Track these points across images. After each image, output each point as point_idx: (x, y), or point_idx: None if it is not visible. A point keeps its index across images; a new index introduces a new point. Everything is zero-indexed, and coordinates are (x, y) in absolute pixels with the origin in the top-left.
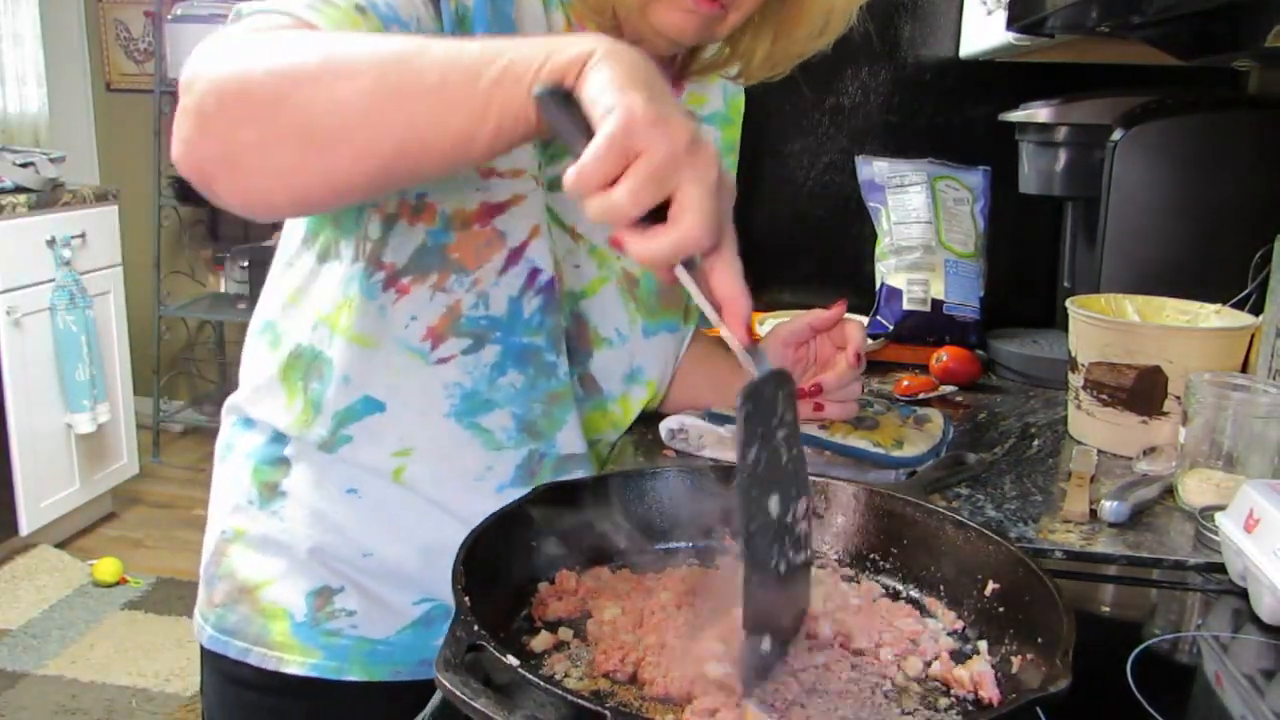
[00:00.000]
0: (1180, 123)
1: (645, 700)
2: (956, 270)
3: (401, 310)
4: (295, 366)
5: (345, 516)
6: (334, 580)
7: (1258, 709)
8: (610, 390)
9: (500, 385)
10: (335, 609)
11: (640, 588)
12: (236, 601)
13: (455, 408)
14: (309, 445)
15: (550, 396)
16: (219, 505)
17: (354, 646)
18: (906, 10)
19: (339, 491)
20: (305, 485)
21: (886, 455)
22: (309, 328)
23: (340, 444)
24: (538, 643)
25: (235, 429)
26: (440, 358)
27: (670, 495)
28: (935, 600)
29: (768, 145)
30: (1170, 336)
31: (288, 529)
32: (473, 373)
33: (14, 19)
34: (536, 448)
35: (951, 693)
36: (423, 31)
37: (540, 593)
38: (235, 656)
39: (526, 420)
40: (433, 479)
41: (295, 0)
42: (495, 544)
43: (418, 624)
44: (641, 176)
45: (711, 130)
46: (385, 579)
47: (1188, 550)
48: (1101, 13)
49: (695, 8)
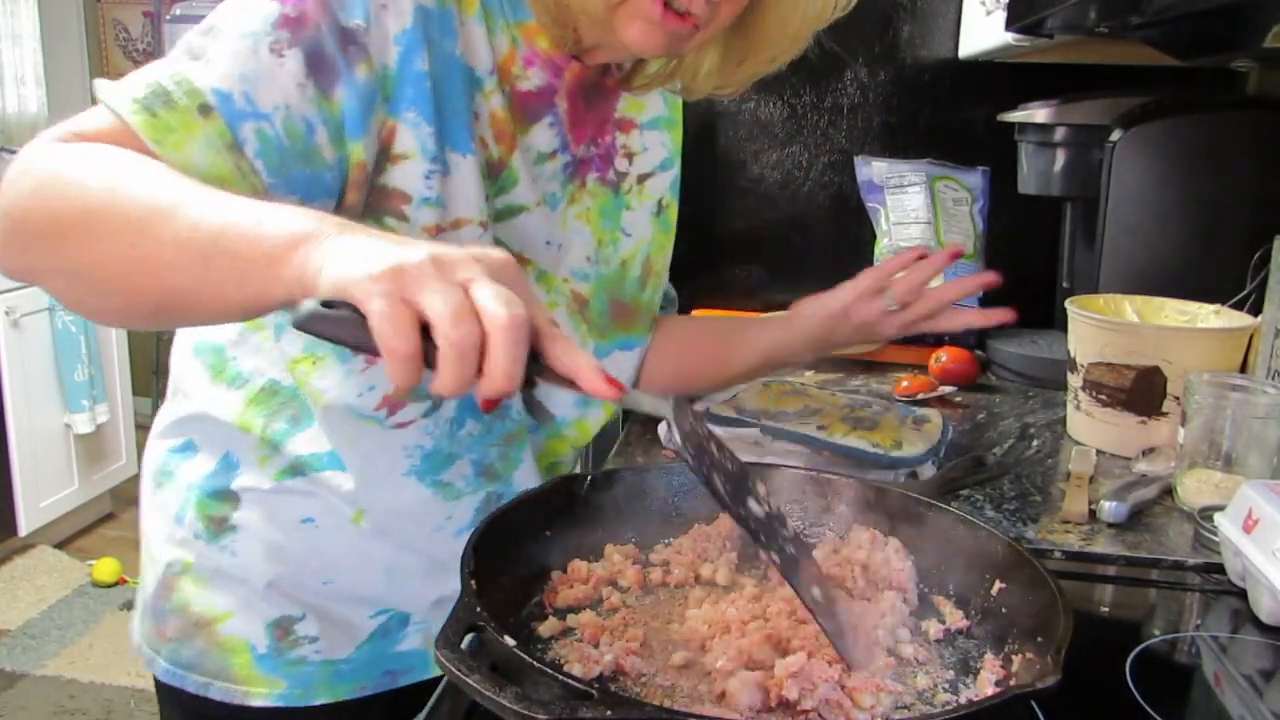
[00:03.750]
0: (1179, 123)
1: (646, 687)
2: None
3: (359, 379)
4: (264, 402)
5: (303, 547)
6: (294, 609)
7: (1256, 709)
8: (563, 416)
9: (459, 437)
10: (297, 637)
11: (649, 579)
12: (191, 636)
13: (416, 467)
14: (263, 478)
15: (506, 438)
16: (158, 534)
17: (318, 671)
18: (905, 11)
19: (294, 522)
20: (257, 519)
21: (885, 455)
22: (283, 366)
23: (293, 477)
24: (545, 628)
25: (173, 455)
26: (399, 423)
27: (680, 489)
28: (943, 599)
29: (767, 145)
30: (1169, 337)
31: (241, 563)
32: (433, 432)
33: (13, 19)
34: (494, 489)
35: None
36: (293, 118)
37: (552, 580)
38: (195, 691)
39: (484, 465)
40: (392, 529)
41: (126, 96)
42: (508, 531)
43: (375, 636)
44: (449, 362)
45: (659, 135)
46: (346, 601)
47: (1186, 550)
48: (1100, 13)
49: (662, 21)
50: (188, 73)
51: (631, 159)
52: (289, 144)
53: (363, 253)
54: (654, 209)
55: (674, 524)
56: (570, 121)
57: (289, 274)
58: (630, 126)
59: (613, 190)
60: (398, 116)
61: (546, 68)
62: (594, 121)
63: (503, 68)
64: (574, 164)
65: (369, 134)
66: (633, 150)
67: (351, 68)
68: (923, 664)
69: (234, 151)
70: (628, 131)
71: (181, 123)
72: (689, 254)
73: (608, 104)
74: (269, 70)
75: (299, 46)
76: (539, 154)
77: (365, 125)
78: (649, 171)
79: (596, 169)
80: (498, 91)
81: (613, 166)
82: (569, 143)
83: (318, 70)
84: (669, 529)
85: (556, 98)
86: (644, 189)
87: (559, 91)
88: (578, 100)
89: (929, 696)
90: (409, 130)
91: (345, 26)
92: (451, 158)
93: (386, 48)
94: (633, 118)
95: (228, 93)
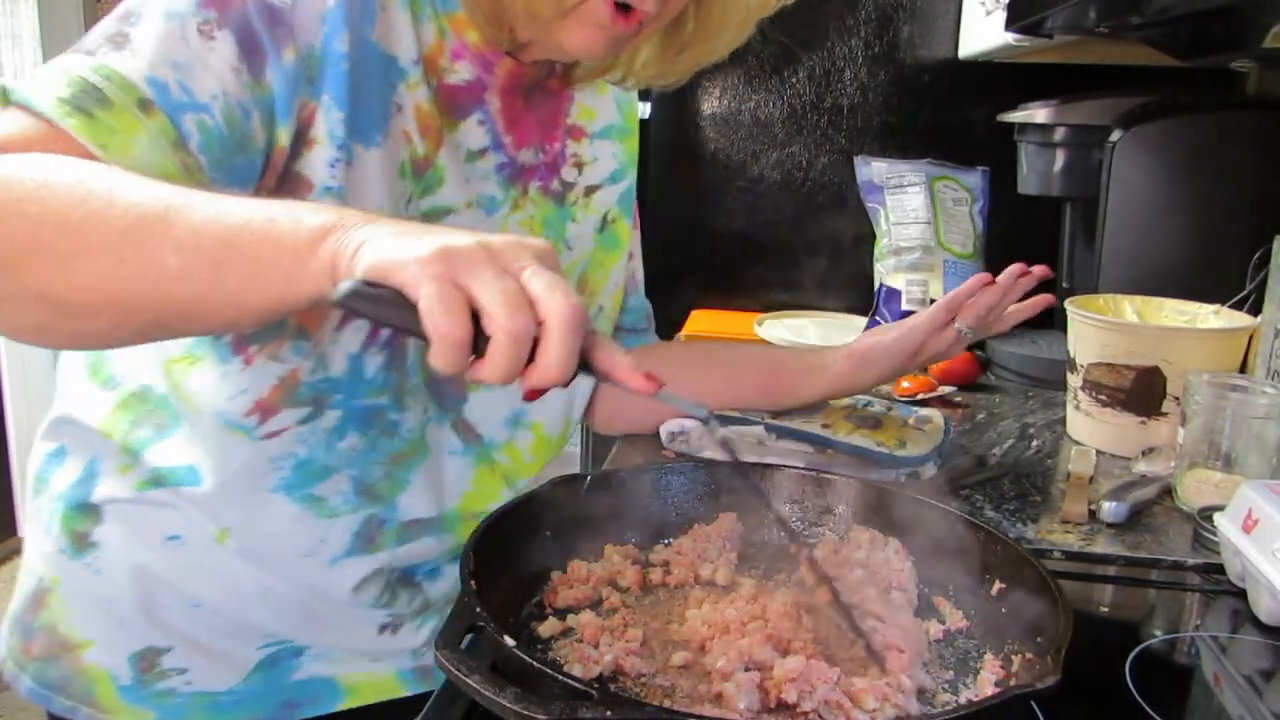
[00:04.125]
0: (1179, 123)
1: (645, 687)
2: (955, 271)
3: (234, 381)
4: (133, 407)
5: (169, 567)
6: (161, 639)
7: (1256, 709)
8: (492, 437)
9: (339, 449)
10: (163, 669)
11: (649, 580)
12: (57, 657)
13: (285, 480)
14: (124, 488)
15: (393, 457)
16: (34, 545)
17: (190, 702)
18: (905, 11)
19: (159, 539)
20: (120, 536)
21: (891, 455)
22: (158, 368)
23: (155, 488)
24: (545, 629)
25: (49, 460)
26: (269, 432)
27: (681, 490)
28: (943, 599)
29: (767, 145)
30: (1169, 337)
31: (105, 584)
32: (309, 440)
33: (14, 19)
34: (375, 512)
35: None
36: (230, 105)
37: (552, 580)
38: (61, 714)
39: (365, 484)
40: (260, 552)
41: (49, 96)
42: (507, 532)
43: (263, 667)
44: (502, 350)
45: (610, 145)
46: (219, 630)
47: (1186, 551)
48: (1100, 13)
49: (611, 25)
50: (114, 64)
51: (581, 169)
52: (229, 134)
53: (406, 237)
54: (598, 224)
55: (674, 524)
56: (506, 120)
57: (317, 267)
58: (581, 135)
59: (556, 201)
60: (317, 98)
61: (476, 62)
62: (536, 123)
63: (429, 59)
64: (513, 166)
65: (292, 116)
66: (583, 160)
67: (279, 49)
68: (923, 664)
69: (179, 148)
70: (579, 140)
71: (123, 123)
72: (689, 254)
73: (555, 107)
74: (201, 55)
75: (228, 27)
76: (469, 151)
77: (290, 108)
78: (597, 184)
79: (540, 177)
80: (423, 84)
81: (558, 176)
82: (503, 142)
83: (250, 53)
84: (669, 529)
85: (487, 94)
86: (590, 201)
87: (489, 88)
88: (514, 98)
89: (929, 697)
90: (323, 114)
91: (271, 5)
92: (356, 149)
93: (313, 27)
94: (584, 126)
95: (164, 83)
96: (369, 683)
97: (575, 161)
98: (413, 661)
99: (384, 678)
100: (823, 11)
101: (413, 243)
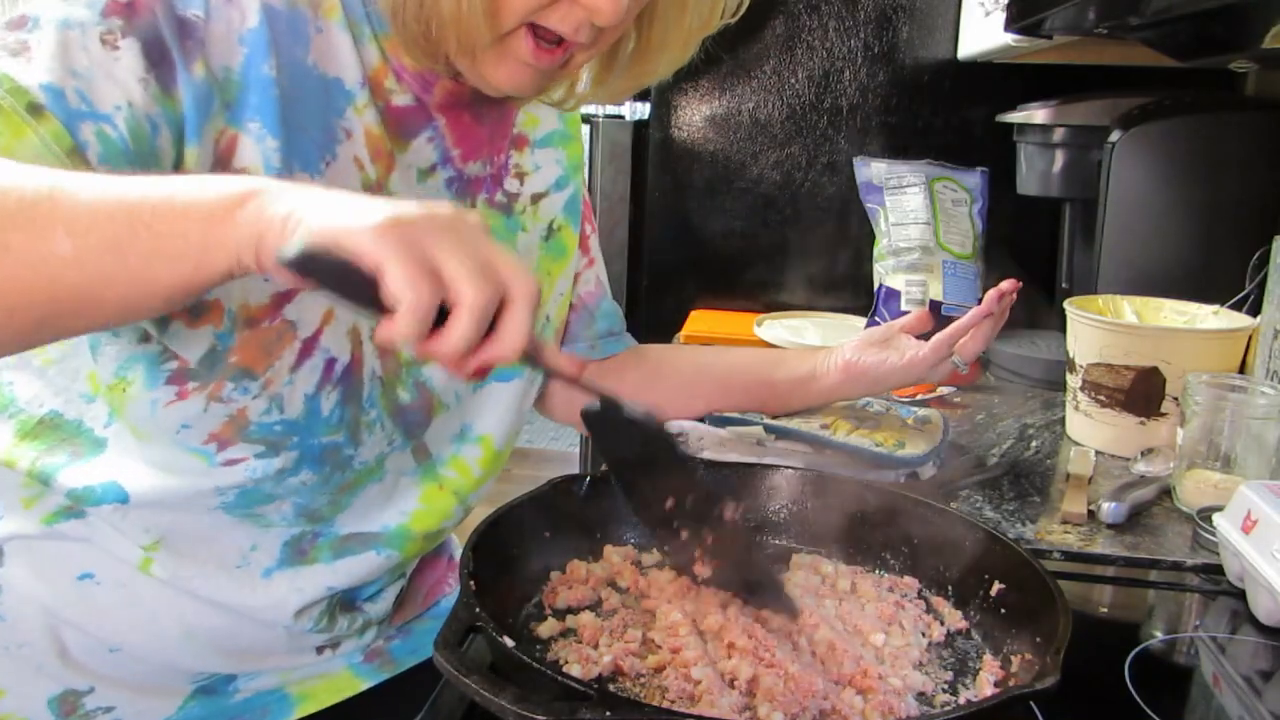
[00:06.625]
0: (1178, 124)
1: (645, 688)
2: (954, 271)
3: (171, 415)
4: (41, 436)
5: (81, 609)
6: (80, 681)
7: (1255, 710)
8: (439, 454)
9: (289, 484)
10: (87, 711)
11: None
12: None
13: (227, 503)
14: (30, 522)
15: (341, 488)
16: None
17: None
18: (904, 12)
19: (69, 579)
20: (25, 575)
21: (890, 455)
22: (78, 397)
23: (66, 519)
24: (544, 629)
25: None
26: (229, 459)
27: None
28: (942, 599)
29: (766, 146)
30: (1168, 337)
31: (13, 628)
32: (257, 474)
33: None
34: (311, 529)
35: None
36: (137, 117)
37: (551, 581)
38: None
39: (309, 508)
40: (188, 570)
41: None
42: (507, 532)
43: (199, 694)
44: (464, 321)
45: (553, 152)
46: (142, 671)
47: (1185, 551)
48: (1100, 14)
49: (535, 61)
50: (6, 69)
51: (523, 179)
52: (134, 147)
53: (350, 204)
54: (544, 232)
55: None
56: (455, 134)
57: (236, 236)
58: (525, 143)
59: (504, 212)
60: (240, 126)
61: (415, 83)
62: (486, 136)
63: (374, 81)
64: (461, 180)
65: (203, 142)
66: (524, 170)
67: (188, 63)
68: (922, 665)
69: (75, 157)
70: (522, 149)
71: (8, 125)
72: (689, 254)
73: (503, 117)
74: (103, 64)
75: (134, 36)
76: (420, 171)
77: (200, 131)
78: (543, 191)
79: (486, 190)
80: (370, 106)
81: (501, 188)
82: (451, 155)
83: (158, 64)
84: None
85: (433, 112)
86: (537, 210)
87: (431, 107)
88: (460, 114)
89: (928, 697)
90: (252, 142)
91: (181, 16)
92: (299, 178)
93: (230, 47)
94: (528, 134)
95: (59, 89)
96: (322, 686)
97: (517, 172)
98: (362, 654)
99: (337, 676)
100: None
101: (361, 210)
